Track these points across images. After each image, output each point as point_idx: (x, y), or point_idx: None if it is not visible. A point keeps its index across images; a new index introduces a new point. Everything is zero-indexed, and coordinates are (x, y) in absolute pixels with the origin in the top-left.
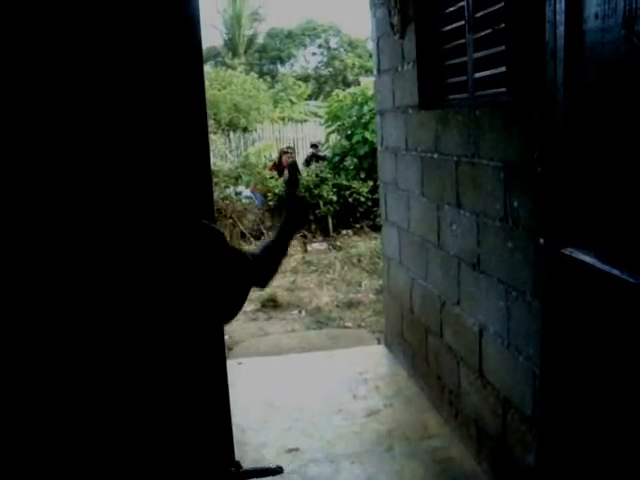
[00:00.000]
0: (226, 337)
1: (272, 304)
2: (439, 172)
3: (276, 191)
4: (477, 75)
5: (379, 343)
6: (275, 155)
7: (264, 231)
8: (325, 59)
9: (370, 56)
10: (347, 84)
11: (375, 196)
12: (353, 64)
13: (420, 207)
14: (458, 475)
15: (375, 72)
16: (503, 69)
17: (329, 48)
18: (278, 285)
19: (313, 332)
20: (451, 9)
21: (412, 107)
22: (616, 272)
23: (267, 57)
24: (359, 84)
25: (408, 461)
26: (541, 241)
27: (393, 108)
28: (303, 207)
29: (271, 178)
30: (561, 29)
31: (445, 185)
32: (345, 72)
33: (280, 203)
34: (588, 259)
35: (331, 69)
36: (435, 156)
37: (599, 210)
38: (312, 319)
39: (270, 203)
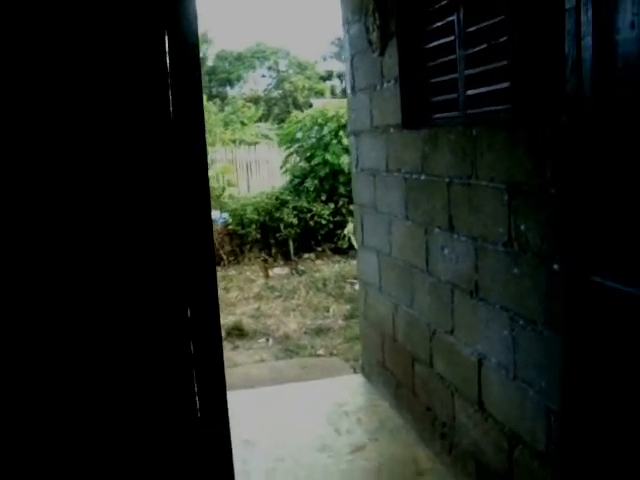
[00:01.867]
0: None
1: (238, 332)
2: (427, 194)
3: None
4: (470, 92)
5: (355, 372)
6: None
7: (223, 256)
8: (274, 81)
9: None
10: (297, 106)
11: (337, 218)
12: (303, 86)
13: (404, 231)
14: None
15: (349, 91)
16: (505, 85)
17: (278, 70)
18: (242, 312)
19: (283, 362)
20: (438, 24)
21: (394, 127)
22: None
23: (216, 79)
24: (310, 106)
25: None
26: (555, 267)
27: (371, 128)
28: None
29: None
30: (588, 40)
31: (435, 208)
32: (295, 94)
33: None
34: (621, 287)
35: (281, 91)
36: (422, 177)
37: (631, 234)
38: (281, 347)
39: (229, 227)
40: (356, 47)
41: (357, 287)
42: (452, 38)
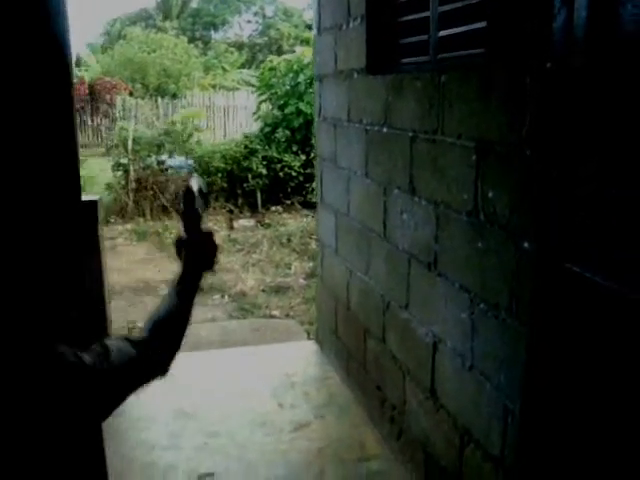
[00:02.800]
0: (138, 325)
1: None
2: (389, 149)
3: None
4: (442, 33)
5: (309, 338)
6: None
7: None
8: (260, 27)
9: (306, 26)
10: (282, 54)
11: (308, 171)
12: (289, 34)
13: (363, 190)
14: None
15: (315, 31)
16: (481, 25)
17: (264, 16)
18: None
19: (235, 322)
20: None
21: (358, 71)
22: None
23: (200, 22)
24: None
25: None
26: (526, 245)
27: (335, 72)
28: (210, 248)
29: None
30: None
31: (396, 165)
32: (280, 41)
33: (178, 246)
34: (599, 279)
35: (266, 38)
36: (384, 130)
37: (622, 215)
38: (235, 305)
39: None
40: None
41: None
42: None
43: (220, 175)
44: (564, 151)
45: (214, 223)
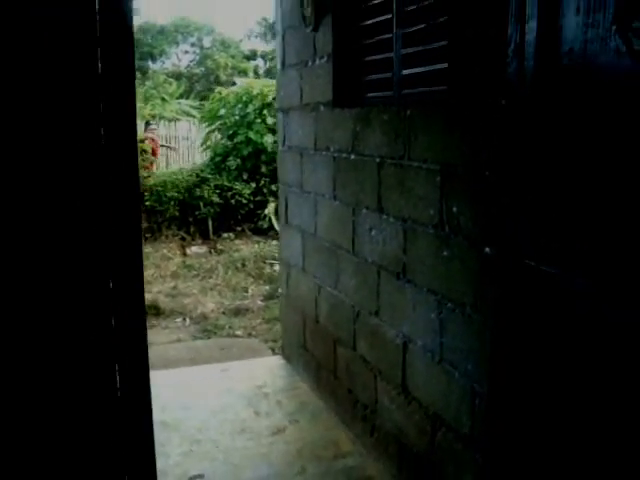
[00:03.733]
0: None
1: (154, 311)
2: (356, 174)
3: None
4: (405, 72)
5: (274, 353)
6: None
7: None
8: (198, 58)
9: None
10: (220, 84)
11: (258, 198)
12: (226, 64)
13: (331, 211)
14: None
15: (279, 66)
16: (443, 66)
17: (202, 47)
18: (158, 291)
19: (201, 342)
20: (375, 2)
21: (324, 104)
22: (581, 285)
23: (138, 52)
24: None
25: None
26: (487, 250)
27: (300, 105)
28: None
29: (148, 177)
30: (532, 23)
31: (364, 188)
32: (218, 72)
33: None
34: (555, 271)
35: (203, 68)
36: (352, 157)
37: (567, 219)
38: (198, 327)
39: (147, 203)
40: (289, 21)
41: (277, 268)
42: (389, 16)
43: (172, 203)
44: (516, 171)
45: (167, 250)
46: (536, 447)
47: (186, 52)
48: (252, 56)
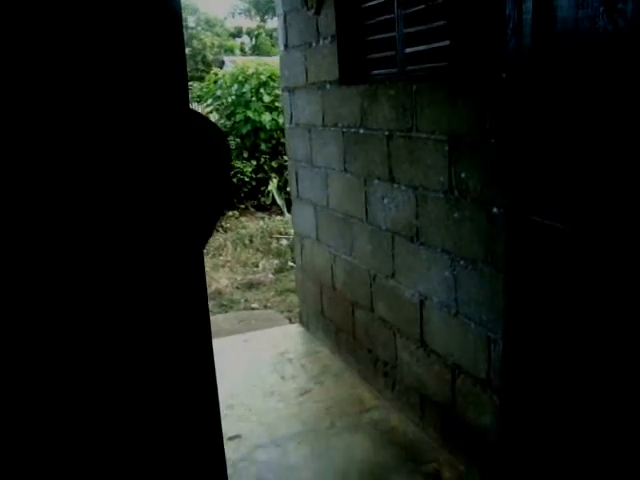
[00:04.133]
0: None
1: None
2: (365, 147)
3: None
4: (408, 50)
5: (291, 322)
6: None
7: None
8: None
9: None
10: (207, 64)
11: (259, 176)
12: (212, 43)
13: (342, 183)
14: (405, 443)
15: (282, 48)
16: (444, 43)
17: (187, 27)
18: None
19: (220, 316)
20: None
21: (331, 82)
22: (584, 236)
23: None
24: (222, 63)
25: (353, 435)
26: (495, 210)
27: (306, 84)
28: None
29: None
30: (529, 3)
31: (374, 160)
32: (204, 51)
33: None
34: (559, 225)
35: (190, 49)
36: (361, 131)
37: (567, 178)
38: (215, 303)
39: None
40: (290, 4)
41: (284, 242)
42: None
43: None
44: (519, 137)
45: None
46: (549, 384)
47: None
48: (237, 34)
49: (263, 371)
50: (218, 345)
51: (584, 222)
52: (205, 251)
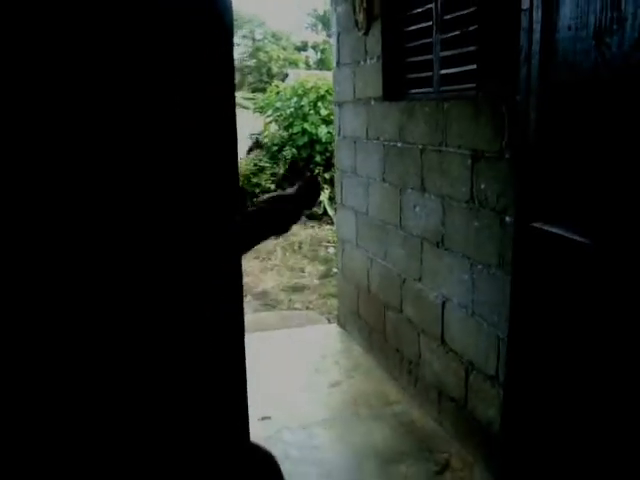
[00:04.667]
0: None
1: None
2: (402, 159)
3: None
4: (443, 72)
5: (330, 323)
6: None
7: None
8: (249, 50)
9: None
10: (272, 76)
11: None
12: (278, 56)
13: (381, 192)
14: (421, 434)
15: (335, 65)
16: (473, 67)
17: (254, 39)
18: None
19: (264, 313)
20: (418, 10)
21: (375, 99)
22: (578, 239)
23: None
24: (286, 76)
25: (374, 424)
26: (507, 219)
27: (353, 99)
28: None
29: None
30: (537, 36)
31: (409, 171)
32: (270, 64)
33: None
34: (555, 230)
35: (255, 60)
36: (399, 144)
37: (564, 189)
38: (260, 302)
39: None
40: (343, 25)
41: (331, 250)
42: (430, 23)
43: None
44: (525, 153)
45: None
46: (548, 377)
47: (237, 44)
48: (303, 47)
49: (298, 364)
50: (259, 338)
51: (578, 228)
52: (255, 255)
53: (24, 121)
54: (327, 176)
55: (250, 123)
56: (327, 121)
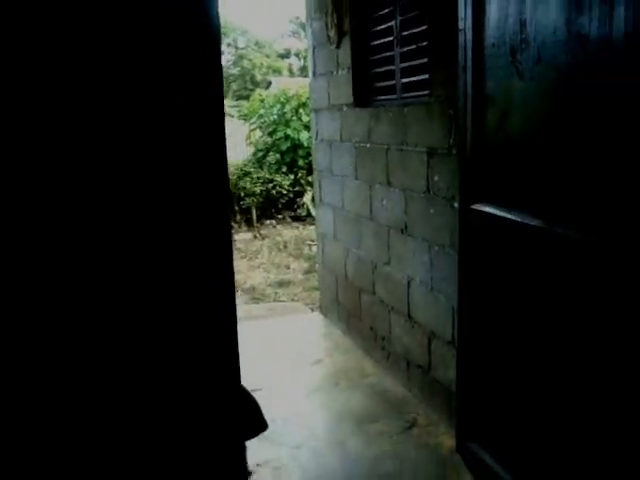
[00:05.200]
0: None
1: None
2: (371, 158)
3: None
4: (404, 80)
5: (313, 311)
6: None
7: None
8: (233, 58)
9: (278, 56)
10: (255, 83)
11: (296, 189)
12: (261, 64)
13: (354, 188)
14: (393, 399)
15: (311, 75)
16: (426, 76)
17: (237, 47)
18: None
19: (252, 305)
20: (382, 27)
21: (347, 105)
22: (508, 216)
23: None
24: (270, 84)
25: (352, 393)
26: (455, 205)
27: (328, 106)
28: None
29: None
30: (469, 53)
31: (376, 168)
32: (253, 71)
33: None
34: (488, 209)
35: (239, 68)
36: (368, 145)
37: (496, 176)
38: (249, 296)
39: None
40: (317, 40)
41: (314, 248)
42: (391, 38)
43: None
44: (464, 148)
45: None
46: (492, 338)
47: (222, 53)
48: (286, 54)
49: (284, 346)
50: (247, 326)
51: (508, 207)
52: (243, 254)
53: (21, 122)
54: (310, 179)
55: (234, 130)
56: (309, 127)
